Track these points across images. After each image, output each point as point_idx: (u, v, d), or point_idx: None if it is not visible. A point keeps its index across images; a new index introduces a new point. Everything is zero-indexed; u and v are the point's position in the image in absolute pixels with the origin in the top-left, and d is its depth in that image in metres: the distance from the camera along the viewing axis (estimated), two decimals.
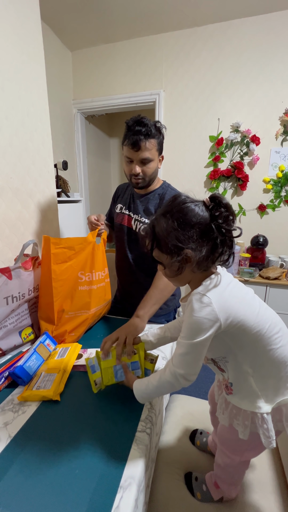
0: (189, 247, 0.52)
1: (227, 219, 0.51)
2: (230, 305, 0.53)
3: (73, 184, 2.45)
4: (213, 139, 2.08)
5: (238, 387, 0.59)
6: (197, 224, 0.51)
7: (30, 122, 1.05)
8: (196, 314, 0.53)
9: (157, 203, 1.06)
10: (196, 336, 0.53)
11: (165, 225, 0.53)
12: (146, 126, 0.92)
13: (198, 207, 0.52)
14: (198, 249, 0.52)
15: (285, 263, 1.96)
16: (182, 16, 1.85)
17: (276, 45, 1.83)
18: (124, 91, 2.24)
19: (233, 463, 0.64)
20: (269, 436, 0.54)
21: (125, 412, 0.63)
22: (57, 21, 1.94)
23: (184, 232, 0.52)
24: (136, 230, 1.08)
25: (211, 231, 0.51)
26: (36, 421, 0.60)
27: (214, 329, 0.52)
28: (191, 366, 0.56)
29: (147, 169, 0.99)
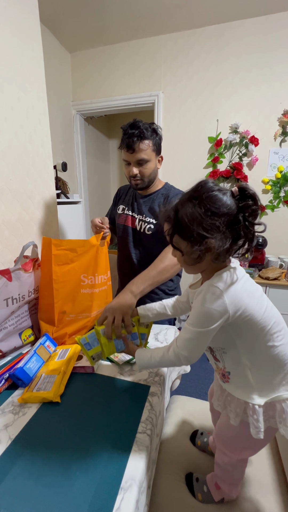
0: (213, 237, 0.50)
1: (254, 213, 0.50)
2: (241, 299, 0.53)
3: (72, 186, 2.45)
4: (212, 140, 2.09)
5: (235, 377, 0.61)
6: (225, 214, 0.49)
7: (29, 123, 1.05)
8: (207, 305, 0.53)
9: (161, 203, 1.07)
10: (204, 326, 0.54)
11: (191, 211, 0.51)
12: (139, 128, 0.93)
13: (226, 196, 0.50)
14: (222, 240, 0.50)
15: (284, 263, 1.96)
16: (181, 18, 1.86)
17: (274, 46, 1.84)
18: (123, 92, 2.24)
19: (232, 462, 0.65)
20: (257, 427, 0.56)
21: (125, 414, 0.63)
22: (56, 23, 1.94)
23: (211, 221, 0.49)
24: (141, 230, 1.08)
25: (237, 223, 0.50)
26: (36, 423, 0.60)
27: (222, 320, 0.53)
28: (194, 350, 0.57)
29: (144, 169, 1.00)
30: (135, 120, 0.98)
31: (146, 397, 0.68)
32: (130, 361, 0.82)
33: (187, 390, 1.72)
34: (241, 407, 0.59)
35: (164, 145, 2.22)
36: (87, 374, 0.77)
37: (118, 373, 0.78)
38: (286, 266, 1.91)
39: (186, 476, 0.75)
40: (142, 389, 0.71)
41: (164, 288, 1.15)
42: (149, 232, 1.06)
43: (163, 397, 0.78)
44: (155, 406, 0.66)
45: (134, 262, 1.12)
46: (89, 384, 0.73)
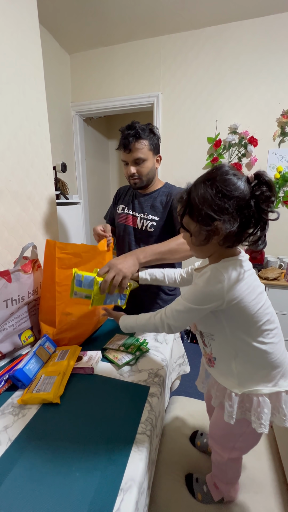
0: (221, 219, 0.50)
1: (267, 199, 0.50)
2: (239, 290, 0.54)
3: (72, 186, 2.45)
4: (211, 140, 2.09)
5: (220, 364, 0.63)
6: (236, 198, 0.50)
7: (28, 125, 1.05)
8: (206, 286, 0.55)
9: (164, 200, 1.08)
10: (197, 303, 0.56)
11: (203, 191, 0.52)
12: (134, 129, 0.96)
13: (241, 181, 0.51)
14: (230, 223, 0.50)
15: (283, 263, 1.97)
16: (180, 19, 1.87)
17: (273, 47, 1.84)
18: (122, 93, 2.25)
19: (223, 460, 0.66)
20: (231, 412, 0.59)
21: (125, 415, 0.63)
22: (55, 25, 1.95)
23: (220, 203, 0.50)
24: (143, 228, 1.09)
25: (248, 207, 0.50)
26: (36, 424, 0.60)
27: (215, 304, 0.55)
28: (180, 322, 0.62)
29: (141, 169, 1.02)
30: (133, 121, 1.00)
31: (146, 398, 0.68)
32: (129, 362, 0.83)
33: (187, 391, 1.72)
34: (220, 392, 0.63)
35: (163, 146, 2.23)
36: (86, 375, 0.77)
37: (118, 374, 0.78)
38: (286, 266, 1.92)
39: (186, 477, 0.75)
40: (141, 390, 0.71)
41: (164, 288, 1.15)
42: (151, 229, 1.07)
43: (163, 398, 0.78)
44: (155, 407, 0.67)
45: None
46: (88, 385, 0.73)
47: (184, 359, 1.10)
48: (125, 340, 0.93)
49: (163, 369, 0.81)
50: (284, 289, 1.81)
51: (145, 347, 0.91)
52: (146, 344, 0.93)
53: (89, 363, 0.78)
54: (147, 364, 0.83)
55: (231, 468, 0.68)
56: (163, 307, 1.13)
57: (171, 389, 1.03)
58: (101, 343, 0.94)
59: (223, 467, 0.68)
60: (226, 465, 0.67)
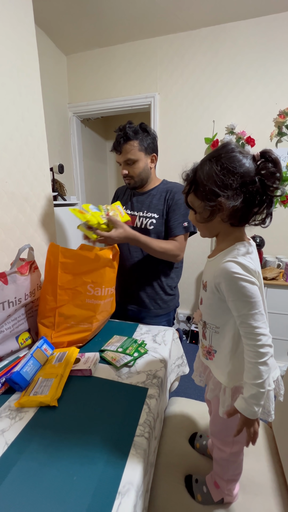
0: (224, 195, 0.51)
1: (272, 176, 0.51)
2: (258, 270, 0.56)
3: (69, 188, 2.44)
4: (209, 141, 2.09)
5: (219, 357, 0.64)
6: (240, 174, 0.51)
7: (25, 126, 1.05)
8: (235, 275, 0.53)
9: (164, 197, 1.08)
10: (251, 296, 0.53)
11: (208, 168, 0.53)
12: (123, 131, 0.99)
13: (246, 158, 0.52)
14: (233, 198, 0.51)
15: (282, 263, 1.97)
16: (176, 20, 1.87)
17: (269, 48, 1.85)
18: (119, 94, 2.25)
19: (225, 456, 0.67)
20: (223, 406, 0.61)
21: (123, 417, 0.63)
22: (52, 26, 1.95)
23: (224, 179, 0.51)
24: (142, 226, 1.09)
25: (252, 184, 0.51)
26: (33, 428, 0.60)
27: (255, 279, 0.54)
28: (261, 322, 0.54)
29: (133, 169, 1.04)
30: (127, 122, 1.02)
31: (144, 400, 0.68)
32: (127, 363, 0.82)
33: (186, 392, 1.72)
34: (216, 385, 0.65)
35: (161, 146, 2.22)
36: (84, 377, 0.77)
37: (116, 376, 0.78)
38: (284, 266, 1.92)
39: (185, 478, 0.75)
40: (139, 392, 0.71)
41: (166, 288, 1.15)
42: (151, 227, 1.07)
43: (161, 399, 0.77)
44: (153, 408, 0.66)
45: (133, 261, 1.11)
46: (86, 387, 0.73)
47: (183, 360, 1.10)
48: (124, 342, 0.93)
49: (162, 370, 0.81)
50: (282, 288, 1.81)
51: (144, 348, 0.90)
52: (144, 345, 0.92)
53: (87, 365, 0.78)
54: (145, 365, 0.83)
55: (233, 463, 0.68)
56: (162, 308, 1.14)
57: (170, 390, 1.02)
58: (99, 345, 0.93)
59: (225, 463, 0.68)
60: (228, 460, 0.67)
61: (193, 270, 2.38)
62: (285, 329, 1.85)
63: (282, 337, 1.86)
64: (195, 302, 2.46)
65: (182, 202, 1.05)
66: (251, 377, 0.53)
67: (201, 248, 2.29)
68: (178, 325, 2.49)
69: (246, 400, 0.53)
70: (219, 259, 0.58)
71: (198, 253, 2.30)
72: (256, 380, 0.52)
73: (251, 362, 0.53)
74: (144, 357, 0.87)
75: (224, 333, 0.61)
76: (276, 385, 0.62)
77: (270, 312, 1.85)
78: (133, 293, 1.15)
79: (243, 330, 0.54)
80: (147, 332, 1.04)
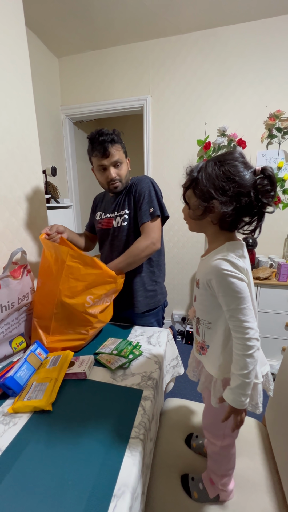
0: (219, 199, 0.54)
1: (267, 193, 0.54)
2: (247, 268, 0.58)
3: (63, 190, 2.43)
4: (201, 143, 2.12)
5: (211, 352, 0.66)
6: (237, 184, 0.53)
7: (16, 129, 1.04)
8: (226, 264, 0.56)
9: (128, 191, 1.11)
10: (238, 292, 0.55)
11: (211, 170, 0.56)
12: (108, 135, 1.01)
13: (247, 170, 0.54)
14: (225, 205, 0.54)
15: (274, 263, 2.00)
16: (166, 24, 1.89)
17: (258, 52, 1.88)
18: (111, 96, 2.25)
19: (216, 449, 0.68)
20: (215, 396, 0.63)
21: (118, 419, 0.63)
22: (43, 28, 1.94)
23: (222, 184, 0.54)
24: (119, 225, 1.11)
25: (247, 196, 0.53)
26: (27, 433, 0.59)
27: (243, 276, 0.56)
28: (250, 316, 0.56)
29: (120, 171, 1.06)
30: (101, 129, 1.04)
31: (139, 402, 0.68)
32: (122, 365, 0.82)
33: (182, 392, 1.72)
34: (206, 378, 0.67)
35: (153, 148, 2.25)
36: (79, 380, 0.77)
37: (111, 378, 0.78)
38: (276, 265, 1.95)
39: (181, 477, 0.75)
40: (134, 394, 0.71)
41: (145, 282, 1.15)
42: (125, 223, 1.09)
43: (157, 401, 0.78)
44: (148, 410, 0.66)
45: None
46: (81, 391, 0.73)
47: (178, 360, 1.10)
48: (118, 344, 0.93)
49: (156, 371, 0.81)
50: (275, 288, 1.83)
51: (138, 350, 0.90)
52: (139, 347, 0.92)
53: (81, 368, 0.78)
54: (140, 367, 0.83)
55: (225, 457, 0.69)
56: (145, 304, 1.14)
57: (165, 391, 1.03)
58: (94, 348, 0.93)
59: (217, 457, 0.69)
60: (220, 454, 0.69)
61: (187, 271, 2.40)
62: (278, 327, 1.87)
63: (275, 336, 1.88)
64: (190, 302, 2.47)
65: (144, 191, 1.06)
66: (238, 368, 0.56)
67: (195, 250, 2.30)
68: (171, 322, 2.50)
69: (233, 390, 0.57)
70: (210, 257, 0.61)
71: (192, 254, 2.32)
72: (243, 371, 0.55)
73: (239, 354, 0.56)
74: (139, 358, 0.87)
75: (216, 328, 0.63)
76: (266, 381, 0.65)
77: (263, 311, 1.88)
78: (119, 295, 1.15)
79: (232, 324, 0.57)
80: (142, 334, 1.05)
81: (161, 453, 0.82)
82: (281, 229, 2.09)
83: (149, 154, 2.26)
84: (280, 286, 1.82)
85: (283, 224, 2.08)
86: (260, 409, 0.61)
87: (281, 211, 2.06)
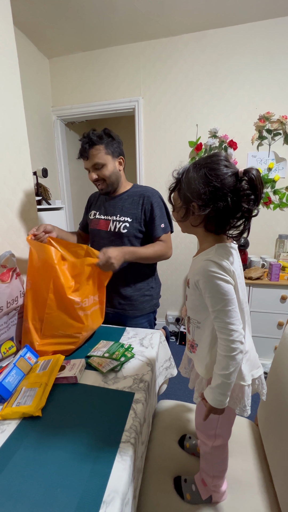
0: (195, 201, 0.55)
1: (247, 196, 0.53)
2: (235, 270, 0.59)
3: (54, 192, 2.41)
4: (192, 144, 2.13)
5: (200, 351, 0.66)
6: (213, 186, 0.53)
7: (5, 131, 1.03)
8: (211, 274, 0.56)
9: (138, 201, 1.10)
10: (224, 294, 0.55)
11: (191, 174, 0.57)
12: (88, 137, 1.01)
13: (229, 173, 0.54)
14: (201, 208, 0.55)
15: (266, 263, 2.02)
16: (157, 26, 1.90)
17: (248, 54, 1.91)
18: (103, 98, 2.25)
19: (208, 449, 0.69)
20: (197, 392, 0.68)
21: (108, 424, 0.62)
22: (33, 29, 1.93)
23: (198, 188, 0.54)
24: (116, 230, 1.10)
25: (223, 199, 0.53)
26: (16, 440, 0.58)
27: (230, 278, 0.56)
28: (235, 318, 0.56)
29: (102, 173, 1.05)
30: (90, 130, 1.04)
31: (130, 405, 0.68)
32: (114, 368, 0.81)
33: (176, 394, 1.72)
34: (195, 376, 0.69)
35: (145, 149, 2.25)
36: (70, 384, 0.76)
37: (102, 382, 0.77)
38: (268, 265, 1.97)
39: (174, 479, 0.75)
40: (126, 397, 0.70)
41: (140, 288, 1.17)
42: (124, 230, 1.09)
43: (148, 403, 0.77)
44: (139, 413, 0.66)
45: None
46: (72, 395, 0.72)
47: (171, 362, 1.10)
48: (110, 347, 0.92)
49: (148, 374, 0.81)
50: (267, 288, 1.85)
51: (130, 352, 0.90)
52: (131, 349, 0.92)
53: (72, 372, 0.77)
54: (132, 370, 0.82)
55: (217, 457, 0.69)
56: (139, 309, 1.15)
57: (158, 393, 1.02)
58: (85, 351, 0.92)
59: (209, 457, 0.69)
60: (212, 454, 0.69)
61: (180, 272, 2.40)
62: (270, 327, 1.89)
63: (267, 335, 1.90)
64: (184, 303, 2.48)
65: (156, 206, 1.09)
66: (219, 368, 0.57)
67: (188, 250, 2.31)
68: (165, 323, 2.50)
69: (213, 390, 0.58)
70: (200, 258, 0.61)
71: (185, 255, 2.33)
72: (224, 371, 0.56)
73: (221, 355, 0.57)
74: (131, 361, 0.87)
75: (205, 328, 0.64)
76: (259, 384, 0.65)
77: (255, 311, 1.89)
78: (111, 298, 1.15)
79: (217, 325, 0.58)
80: (134, 336, 1.04)
81: (153, 455, 0.81)
82: (272, 230, 2.12)
83: (141, 155, 2.26)
84: (272, 286, 1.84)
85: (274, 225, 2.10)
86: (248, 412, 0.61)
87: (272, 211, 2.09)
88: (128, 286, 1.15)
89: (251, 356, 0.65)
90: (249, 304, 1.90)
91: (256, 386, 0.65)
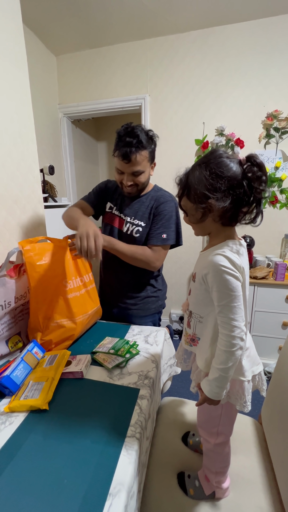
0: (214, 197, 0.55)
1: (258, 179, 0.54)
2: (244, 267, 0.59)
3: (61, 189, 2.43)
4: (199, 142, 2.12)
5: (201, 345, 0.67)
6: (228, 178, 0.54)
7: (13, 128, 1.04)
8: (221, 268, 0.56)
9: (151, 205, 1.07)
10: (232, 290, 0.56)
11: (198, 173, 0.57)
12: (137, 138, 0.89)
13: (233, 163, 0.55)
14: (222, 200, 0.55)
15: (271, 262, 2.00)
16: (165, 22, 1.89)
17: (256, 51, 1.89)
18: (110, 95, 2.25)
19: (210, 446, 0.69)
20: (195, 382, 0.69)
21: (114, 418, 0.63)
22: (41, 27, 1.93)
23: (213, 182, 0.55)
24: (128, 232, 1.08)
25: (240, 186, 0.54)
26: (24, 432, 0.59)
27: (239, 274, 0.57)
28: (239, 314, 0.57)
29: (138, 180, 0.99)
30: (133, 126, 0.93)
31: (136, 401, 0.68)
32: (119, 364, 0.82)
33: (179, 391, 1.73)
34: (195, 368, 0.70)
35: None
36: (76, 379, 0.77)
37: (108, 377, 0.78)
38: (273, 265, 1.96)
39: (178, 475, 0.76)
40: (131, 393, 0.71)
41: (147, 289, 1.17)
42: (137, 234, 1.07)
43: (153, 400, 0.78)
44: (144, 409, 0.67)
45: (117, 263, 1.11)
46: (78, 390, 0.73)
47: (175, 360, 1.10)
48: (115, 343, 0.93)
49: (153, 370, 0.81)
50: (272, 287, 1.84)
51: (135, 349, 0.91)
52: (136, 346, 0.93)
53: (78, 367, 0.78)
54: (137, 366, 0.83)
55: (219, 455, 0.70)
56: (144, 310, 1.16)
57: (162, 391, 1.03)
58: (91, 347, 0.93)
59: (212, 454, 0.70)
60: (214, 451, 0.70)
61: (184, 270, 2.40)
62: (275, 327, 1.88)
63: (271, 335, 1.89)
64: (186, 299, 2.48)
65: (165, 214, 1.03)
66: (218, 362, 0.58)
67: (192, 249, 2.31)
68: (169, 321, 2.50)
69: (210, 382, 0.59)
70: (209, 252, 0.61)
71: (190, 254, 2.32)
72: (222, 365, 0.57)
73: (221, 349, 0.58)
74: (136, 358, 0.87)
75: (207, 323, 0.65)
76: (259, 381, 0.66)
77: (260, 310, 1.89)
78: (116, 295, 1.17)
79: (220, 320, 0.59)
80: (139, 333, 1.05)
81: (157, 451, 0.82)
82: (278, 229, 2.10)
83: None
84: (277, 286, 1.83)
85: (281, 224, 2.09)
86: (249, 407, 0.62)
87: (279, 210, 2.07)
88: (134, 286, 1.15)
89: (252, 353, 0.66)
90: (254, 304, 1.89)
91: (256, 382, 0.66)
